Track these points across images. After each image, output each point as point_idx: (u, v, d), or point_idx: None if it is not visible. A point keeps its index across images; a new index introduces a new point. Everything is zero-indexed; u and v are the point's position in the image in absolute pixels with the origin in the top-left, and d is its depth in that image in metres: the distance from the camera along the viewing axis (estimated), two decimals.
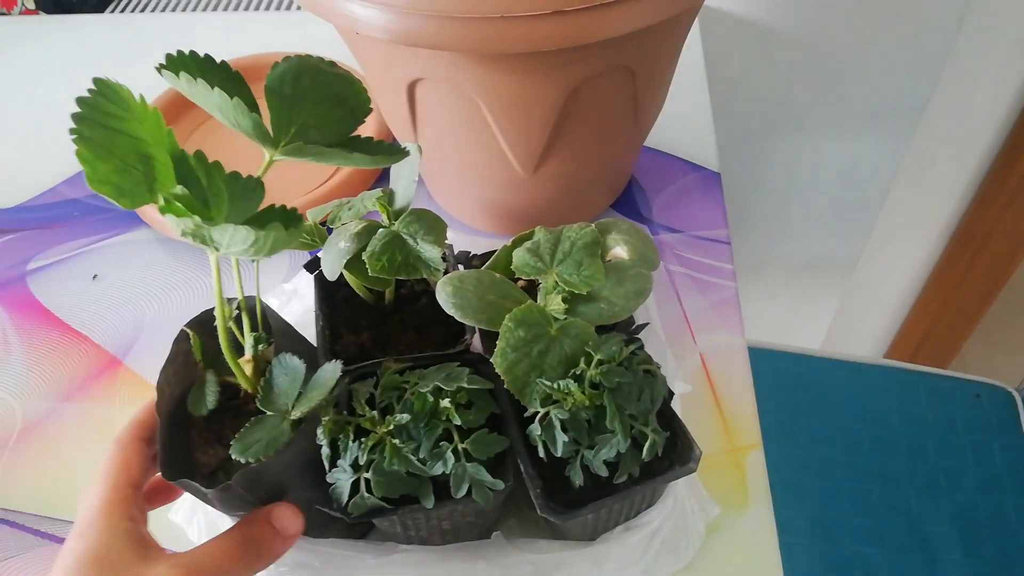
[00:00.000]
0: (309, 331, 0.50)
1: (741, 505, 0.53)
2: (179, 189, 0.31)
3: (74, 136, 0.30)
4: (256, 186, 0.36)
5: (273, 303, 0.58)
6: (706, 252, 0.66)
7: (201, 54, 0.35)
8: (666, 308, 0.63)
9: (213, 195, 0.35)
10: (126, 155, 0.30)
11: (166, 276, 0.68)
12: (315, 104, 0.39)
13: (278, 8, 1.02)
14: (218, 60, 0.36)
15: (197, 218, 0.30)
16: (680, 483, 0.48)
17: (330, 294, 0.52)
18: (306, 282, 0.58)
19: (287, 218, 0.33)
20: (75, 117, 0.30)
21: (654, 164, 0.73)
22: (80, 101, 0.30)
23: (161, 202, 0.31)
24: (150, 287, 0.67)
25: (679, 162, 0.73)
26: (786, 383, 1.09)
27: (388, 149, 0.40)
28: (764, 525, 0.52)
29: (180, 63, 0.35)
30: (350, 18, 0.45)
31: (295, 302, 0.57)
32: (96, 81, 0.30)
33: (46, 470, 0.57)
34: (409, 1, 0.43)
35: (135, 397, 0.60)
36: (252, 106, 0.36)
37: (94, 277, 0.68)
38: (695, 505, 0.49)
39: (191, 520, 0.50)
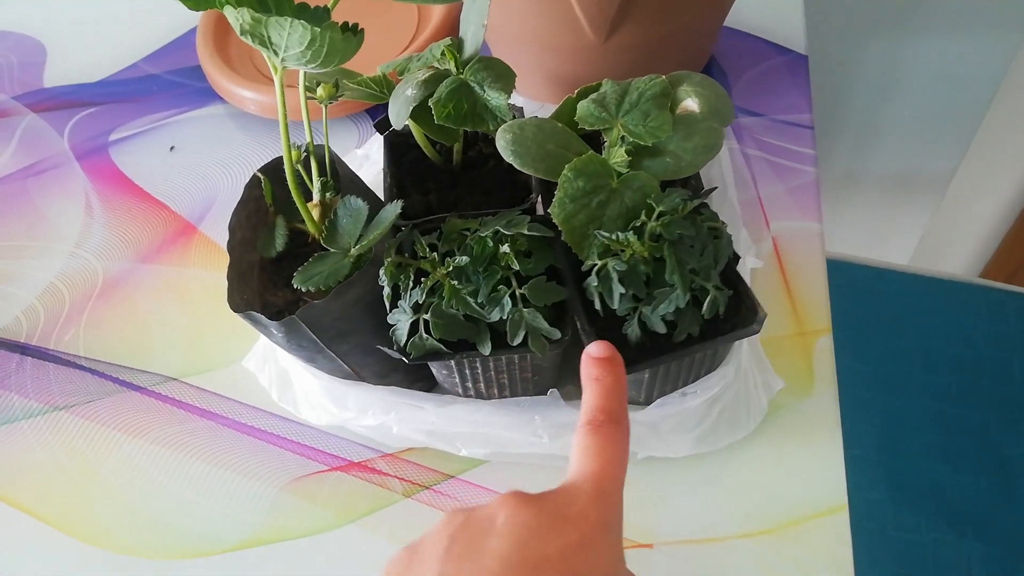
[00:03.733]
0: (380, 194, 0.51)
1: (806, 389, 0.52)
2: None
3: None
4: (324, 16, 0.36)
5: None
6: (787, 136, 0.63)
7: None
8: (741, 192, 0.61)
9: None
10: None
11: (238, 149, 0.69)
12: None
13: None
14: None
15: (253, 13, 0.30)
16: (744, 352, 0.47)
17: (399, 155, 0.52)
18: (377, 148, 0.58)
19: (347, 26, 0.33)
20: None
21: (737, 45, 0.69)
22: None
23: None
24: (223, 159, 0.69)
25: (764, 44, 0.69)
26: (865, 297, 1.05)
27: None
28: (828, 411, 0.51)
29: None
30: None
31: (366, 167, 0.57)
32: None
33: (124, 325, 0.59)
34: None
35: (208, 261, 0.62)
36: None
37: (171, 148, 0.70)
38: (758, 377, 0.48)
39: (263, 368, 0.52)
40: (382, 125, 0.51)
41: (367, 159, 0.59)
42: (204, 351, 0.57)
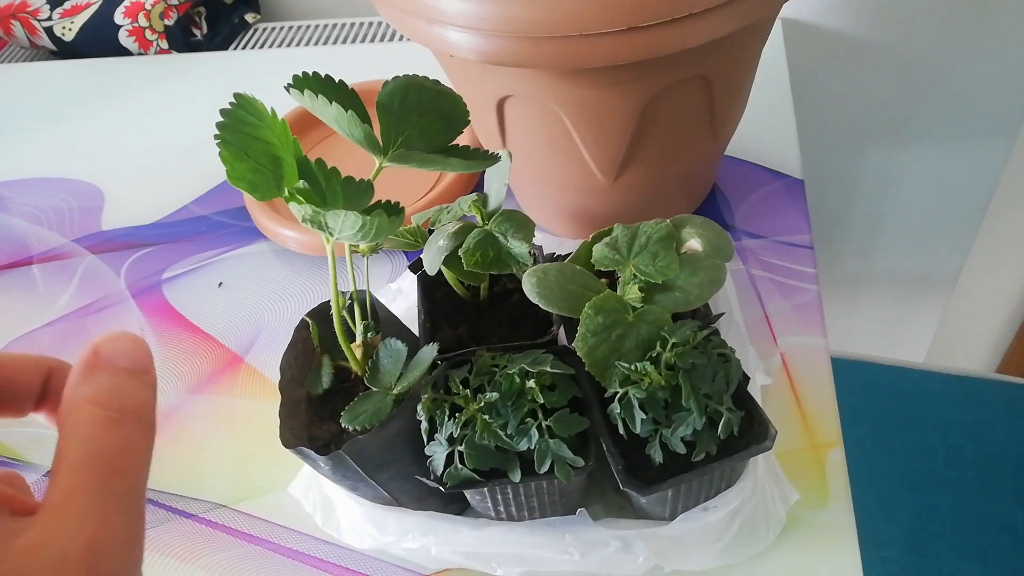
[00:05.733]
0: (412, 325, 0.55)
1: (821, 502, 0.54)
2: (301, 183, 0.36)
3: (218, 140, 0.35)
4: (367, 188, 0.41)
5: (380, 300, 0.64)
6: (788, 256, 0.68)
7: (323, 75, 0.41)
8: (748, 311, 0.65)
9: (330, 195, 0.41)
10: (259, 157, 0.36)
11: (282, 284, 0.75)
12: (419, 116, 0.44)
13: (381, 40, 1.10)
14: (336, 80, 0.42)
15: (314, 207, 0.35)
16: (760, 467, 0.50)
17: (431, 292, 0.56)
18: (409, 282, 0.63)
19: (390, 208, 0.38)
20: (219, 125, 0.35)
21: (737, 172, 0.75)
22: (223, 112, 0.36)
23: (286, 194, 0.36)
24: (268, 294, 0.74)
25: (762, 170, 0.75)
26: (882, 396, 1.08)
27: (481, 155, 0.45)
28: (844, 523, 0.53)
29: (304, 82, 0.40)
30: (445, 42, 0.50)
31: (399, 300, 0.62)
32: (236, 96, 0.36)
33: (177, 454, 0.63)
34: (496, 25, 0.47)
35: (255, 391, 0.67)
36: (364, 118, 0.41)
37: (219, 284, 0.76)
38: (775, 490, 0.51)
39: (307, 495, 0.56)
40: (415, 267, 0.56)
41: (400, 292, 0.64)
42: (252, 478, 0.61)
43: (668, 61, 0.49)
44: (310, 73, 0.41)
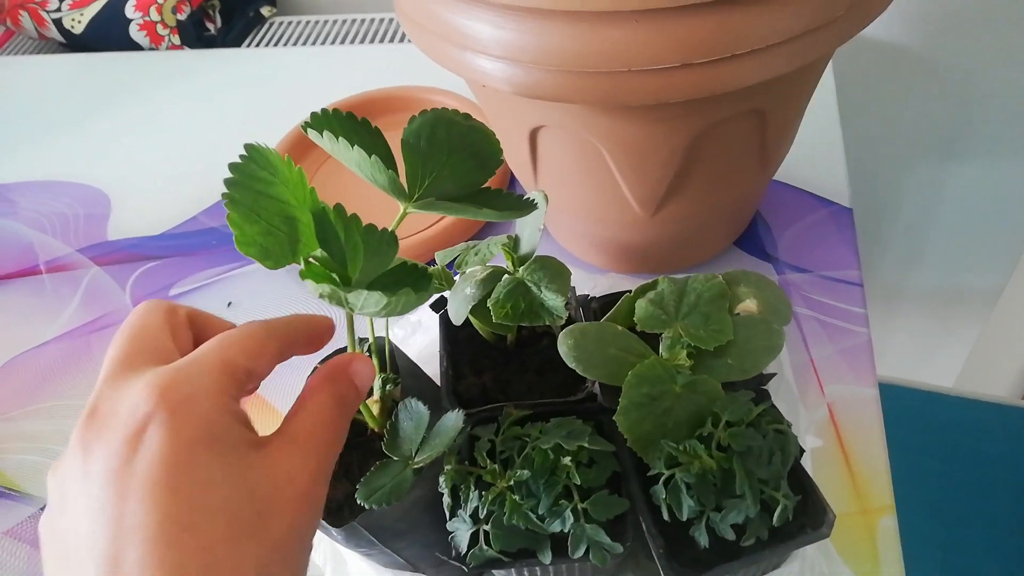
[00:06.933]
0: (432, 363, 0.51)
1: (871, 574, 0.50)
2: (319, 252, 0.32)
3: (225, 200, 0.31)
4: (391, 240, 0.37)
5: (398, 333, 0.60)
6: (836, 294, 0.63)
7: (344, 113, 0.36)
8: (793, 355, 0.60)
9: (350, 248, 0.36)
10: (272, 218, 0.32)
11: (294, 305, 0.71)
12: (448, 155, 0.39)
13: (403, 39, 1.06)
14: (359, 118, 0.38)
15: (332, 286, 0.31)
16: (809, 545, 0.46)
17: (454, 333, 0.52)
18: (430, 315, 0.59)
19: (417, 280, 0.34)
20: (227, 182, 0.31)
21: (781, 199, 0.70)
22: (232, 166, 0.32)
23: (302, 265, 0.32)
24: (278, 315, 0.70)
25: (808, 197, 0.70)
26: (915, 422, 1.03)
27: (515, 202, 0.41)
28: None
29: (323, 122, 0.36)
30: (478, 72, 0.45)
31: (419, 334, 0.58)
32: (247, 147, 0.32)
33: None
34: (534, 56, 0.43)
35: (263, 421, 0.63)
36: (389, 162, 0.37)
37: (228, 304, 0.72)
38: (824, 568, 0.47)
39: (318, 546, 0.52)
40: (436, 305, 0.52)
41: (420, 325, 0.60)
42: None
43: (722, 97, 0.45)
44: (330, 111, 0.37)
